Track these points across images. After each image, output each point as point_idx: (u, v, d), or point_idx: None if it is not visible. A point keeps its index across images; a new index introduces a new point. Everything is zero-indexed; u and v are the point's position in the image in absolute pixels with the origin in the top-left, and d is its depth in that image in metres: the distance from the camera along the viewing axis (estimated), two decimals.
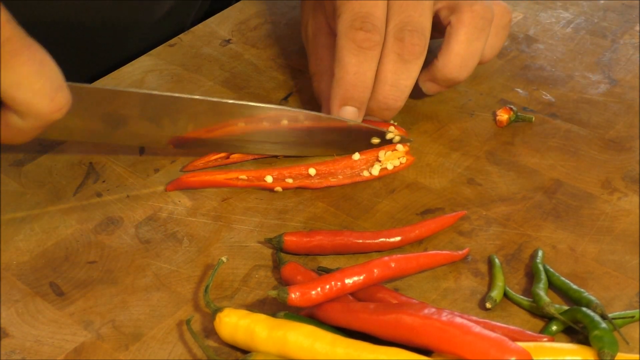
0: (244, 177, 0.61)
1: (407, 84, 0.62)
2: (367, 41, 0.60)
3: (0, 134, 0.53)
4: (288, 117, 0.61)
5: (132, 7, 0.79)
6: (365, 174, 0.62)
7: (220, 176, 0.61)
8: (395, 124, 0.65)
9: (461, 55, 0.62)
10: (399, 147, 0.63)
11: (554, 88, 0.70)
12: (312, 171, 0.61)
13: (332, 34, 0.64)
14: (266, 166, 0.63)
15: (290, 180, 0.61)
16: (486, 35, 0.63)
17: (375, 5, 0.61)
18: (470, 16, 0.62)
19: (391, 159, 0.62)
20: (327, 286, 0.50)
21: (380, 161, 0.62)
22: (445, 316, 0.47)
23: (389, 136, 0.63)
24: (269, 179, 0.61)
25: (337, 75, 0.62)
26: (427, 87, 0.66)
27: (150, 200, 0.61)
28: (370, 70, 0.61)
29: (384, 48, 0.61)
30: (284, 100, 0.70)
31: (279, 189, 0.61)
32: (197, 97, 0.59)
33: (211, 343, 0.51)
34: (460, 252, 0.55)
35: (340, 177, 0.62)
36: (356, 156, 0.62)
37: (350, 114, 0.63)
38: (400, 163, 0.62)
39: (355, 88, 0.62)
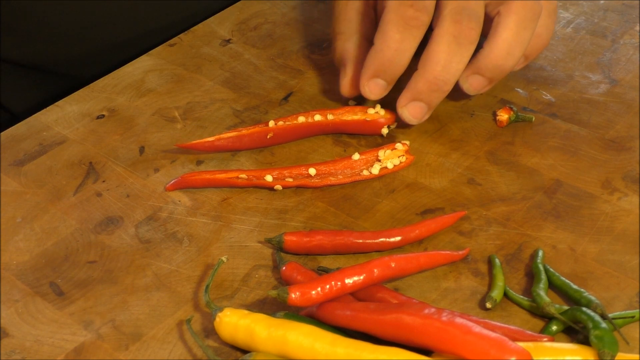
0: (244, 176, 0.61)
1: (458, 68, 0.61)
2: (415, 19, 0.60)
3: None
4: None
5: (133, 7, 0.79)
6: (365, 173, 0.62)
7: (220, 175, 0.61)
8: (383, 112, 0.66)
9: (508, 42, 0.62)
10: (399, 145, 0.63)
11: (554, 88, 0.70)
12: (312, 171, 0.61)
13: (367, 1, 0.65)
14: (266, 166, 0.63)
15: (290, 180, 0.61)
16: (534, 26, 0.63)
17: None
18: (520, 5, 0.62)
19: (391, 157, 0.62)
20: (327, 286, 0.50)
21: (380, 160, 0.62)
22: (445, 316, 0.47)
23: (370, 111, 0.65)
24: (269, 178, 0.61)
25: (377, 47, 0.62)
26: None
27: (150, 200, 0.61)
28: (411, 50, 0.61)
29: (439, 29, 0.61)
30: (284, 100, 0.70)
31: (278, 187, 0.61)
32: None
33: (211, 343, 0.51)
34: (460, 252, 0.55)
35: (340, 176, 0.62)
36: (356, 156, 0.62)
37: (379, 87, 0.63)
38: (400, 162, 0.62)
39: (392, 63, 0.62)
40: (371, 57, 0.62)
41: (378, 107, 0.66)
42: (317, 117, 0.65)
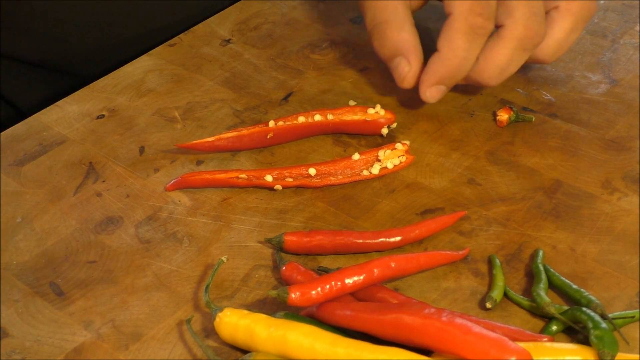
0: (244, 176, 0.61)
1: (512, 71, 0.63)
2: (483, 28, 0.61)
3: None
4: None
5: (133, 6, 0.79)
6: (365, 173, 0.62)
7: (220, 175, 0.61)
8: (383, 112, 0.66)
9: (560, 42, 0.63)
10: (398, 145, 0.63)
11: (554, 88, 0.70)
12: (312, 171, 0.61)
13: None
14: (266, 166, 0.63)
15: (290, 180, 0.61)
16: (583, 28, 0.64)
17: None
18: (580, 5, 0.62)
19: (391, 157, 0.62)
20: (327, 286, 0.50)
21: (380, 160, 0.62)
22: (445, 316, 0.47)
23: (370, 111, 0.65)
24: (269, 178, 0.61)
25: (443, 54, 0.62)
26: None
27: (150, 200, 0.61)
28: (474, 57, 0.62)
29: (507, 32, 0.61)
30: (284, 100, 0.70)
31: (278, 187, 0.61)
32: None
33: (211, 343, 0.51)
34: (460, 252, 0.55)
35: (340, 176, 0.62)
36: (356, 156, 0.62)
37: (440, 92, 0.64)
38: (400, 162, 0.62)
39: (458, 71, 0.62)
40: (436, 64, 0.62)
41: (378, 107, 0.66)
42: (317, 117, 0.65)
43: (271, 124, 0.65)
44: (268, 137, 0.64)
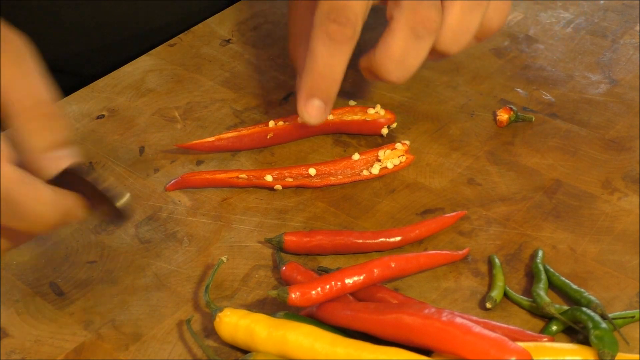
0: (244, 176, 0.61)
1: (414, 64, 0.59)
2: (339, 34, 0.58)
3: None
4: None
5: (133, 6, 0.79)
6: (365, 173, 0.62)
7: (220, 175, 0.61)
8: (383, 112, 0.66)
9: (454, 28, 0.59)
10: (398, 145, 0.63)
11: (554, 88, 0.70)
12: (312, 171, 0.61)
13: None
14: (266, 166, 0.63)
15: (290, 180, 0.61)
16: (480, 11, 0.59)
17: None
18: None
19: (391, 157, 0.62)
20: (327, 286, 0.50)
21: (380, 160, 0.62)
22: (445, 316, 0.47)
23: (370, 111, 0.65)
24: (269, 178, 0.61)
25: (307, 65, 0.59)
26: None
27: (150, 200, 0.61)
28: (341, 64, 0.59)
29: (395, 21, 0.58)
30: (284, 101, 0.70)
31: (278, 187, 0.61)
32: None
33: (211, 343, 0.51)
34: (460, 252, 0.55)
35: (340, 176, 0.62)
36: (356, 156, 0.62)
37: (316, 109, 0.60)
38: (400, 162, 0.62)
39: (323, 79, 0.59)
40: (303, 77, 0.60)
41: (378, 107, 0.66)
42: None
43: (271, 124, 0.65)
44: (268, 137, 0.64)
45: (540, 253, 0.55)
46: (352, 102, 0.68)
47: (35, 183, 0.48)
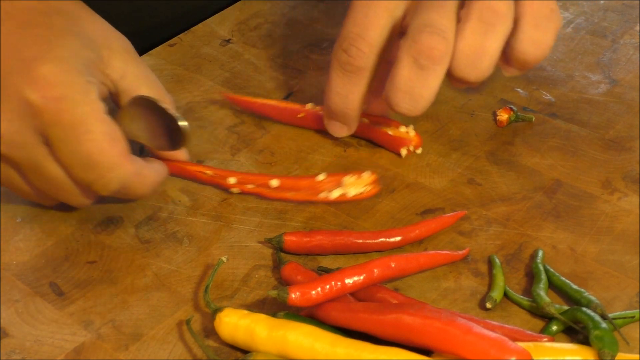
0: (209, 172, 0.61)
1: (423, 94, 0.57)
2: (349, 65, 0.59)
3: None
4: None
5: (133, 6, 0.79)
6: (323, 195, 0.61)
7: (190, 167, 0.62)
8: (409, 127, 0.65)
9: (466, 53, 0.57)
10: (365, 175, 0.61)
11: (554, 88, 0.70)
12: (274, 182, 0.61)
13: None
14: (266, 166, 0.63)
15: (250, 186, 0.60)
16: (499, 31, 0.57)
17: (370, 25, 0.58)
18: (478, 8, 0.56)
19: (355, 185, 0.61)
20: (327, 286, 0.50)
21: (342, 186, 0.61)
22: (445, 316, 0.47)
23: (402, 128, 0.64)
24: (231, 180, 0.61)
25: (325, 90, 0.62)
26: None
27: (150, 200, 0.61)
28: (354, 93, 0.60)
29: (400, 51, 0.57)
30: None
31: (236, 190, 0.60)
32: None
33: (211, 343, 0.51)
34: (460, 252, 0.55)
35: (300, 193, 0.61)
36: (321, 176, 0.61)
37: (337, 129, 0.64)
38: (364, 192, 0.61)
39: (337, 107, 0.61)
40: (325, 101, 0.62)
41: (411, 127, 0.64)
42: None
43: (308, 106, 0.65)
44: (299, 116, 0.65)
45: (540, 253, 0.55)
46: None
47: (146, 173, 0.56)
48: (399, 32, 0.60)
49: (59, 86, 0.52)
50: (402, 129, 0.64)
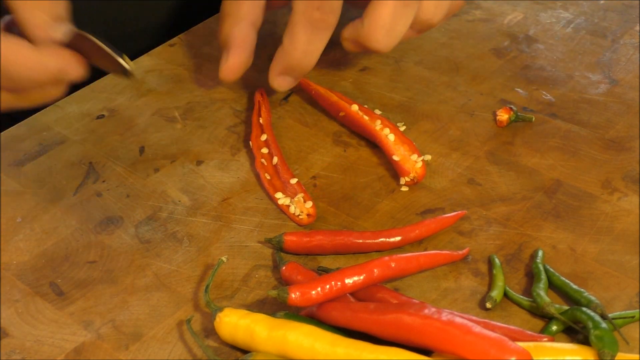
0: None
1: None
2: (322, 22, 0.60)
3: None
4: None
5: (133, 6, 0.79)
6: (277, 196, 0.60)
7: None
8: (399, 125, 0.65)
9: (386, 27, 0.60)
10: (309, 204, 0.59)
11: (554, 88, 0.70)
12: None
13: None
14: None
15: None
16: (415, 5, 0.61)
17: None
18: None
19: (298, 205, 0.59)
20: (327, 286, 0.50)
21: (290, 201, 0.60)
22: (445, 316, 0.47)
23: (413, 157, 0.61)
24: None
25: (285, 47, 0.62)
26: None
27: (150, 200, 0.61)
28: (318, 50, 0.62)
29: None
30: (284, 101, 0.70)
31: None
32: None
33: (211, 343, 0.51)
34: (460, 252, 0.55)
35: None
36: (278, 195, 0.60)
37: (286, 82, 0.65)
38: (300, 213, 0.59)
39: (300, 64, 0.63)
40: (280, 57, 0.63)
41: (428, 157, 0.63)
42: (387, 131, 0.63)
43: (354, 107, 0.65)
44: (340, 114, 0.66)
45: (540, 253, 0.55)
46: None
47: (19, 47, 0.52)
48: None
49: None
50: (414, 157, 0.61)
